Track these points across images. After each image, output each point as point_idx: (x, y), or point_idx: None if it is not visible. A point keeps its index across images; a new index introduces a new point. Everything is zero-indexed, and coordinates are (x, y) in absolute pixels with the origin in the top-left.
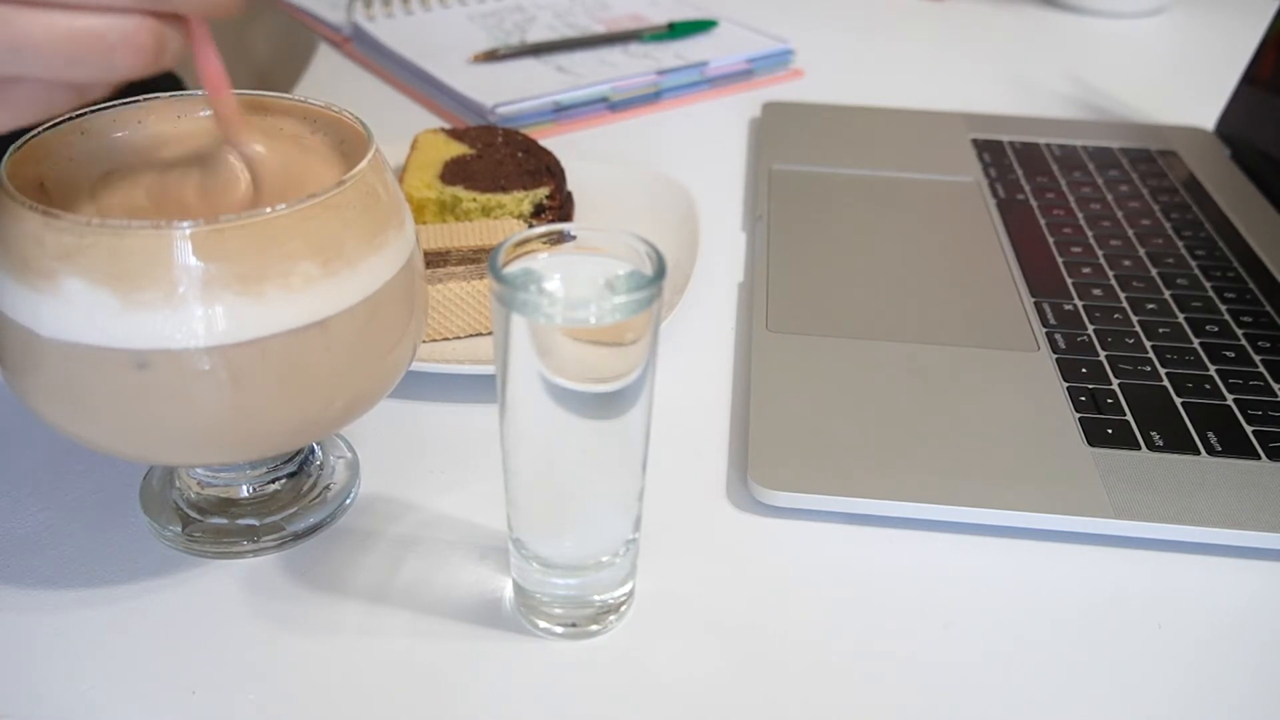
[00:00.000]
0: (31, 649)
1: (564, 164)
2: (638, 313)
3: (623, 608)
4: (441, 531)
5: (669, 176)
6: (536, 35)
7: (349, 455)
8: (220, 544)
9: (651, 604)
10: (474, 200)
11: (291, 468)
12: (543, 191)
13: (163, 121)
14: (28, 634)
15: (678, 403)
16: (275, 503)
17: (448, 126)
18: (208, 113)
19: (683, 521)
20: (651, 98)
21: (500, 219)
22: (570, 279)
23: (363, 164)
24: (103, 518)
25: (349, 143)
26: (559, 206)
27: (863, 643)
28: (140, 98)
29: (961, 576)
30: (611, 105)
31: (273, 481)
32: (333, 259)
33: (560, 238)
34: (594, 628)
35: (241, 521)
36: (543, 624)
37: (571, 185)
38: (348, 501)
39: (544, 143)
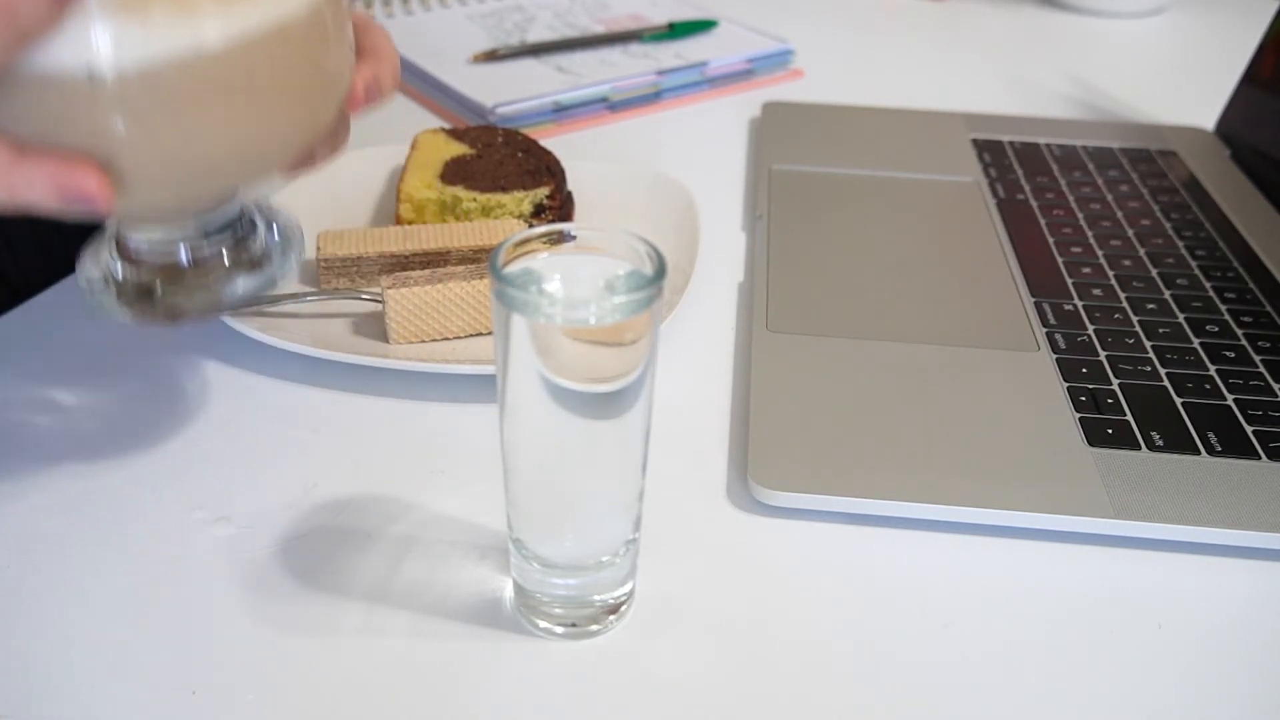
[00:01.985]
0: (31, 649)
1: (564, 164)
2: (638, 313)
3: (623, 608)
4: (441, 531)
5: (669, 176)
6: (536, 35)
7: (291, 226)
8: (165, 308)
9: (651, 604)
10: (474, 200)
11: (228, 238)
12: (543, 191)
13: None
14: (28, 634)
15: (678, 403)
16: (213, 270)
17: (448, 126)
18: None
19: (683, 521)
20: (651, 98)
21: (500, 219)
22: (570, 279)
23: None
24: (102, 517)
25: None
26: (559, 206)
27: (862, 642)
28: None
29: (961, 576)
30: (611, 105)
31: (210, 248)
32: None
33: (560, 238)
34: (594, 628)
35: (182, 288)
36: (543, 624)
37: (571, 185)
38: (290, 265)
39: (544, 143)
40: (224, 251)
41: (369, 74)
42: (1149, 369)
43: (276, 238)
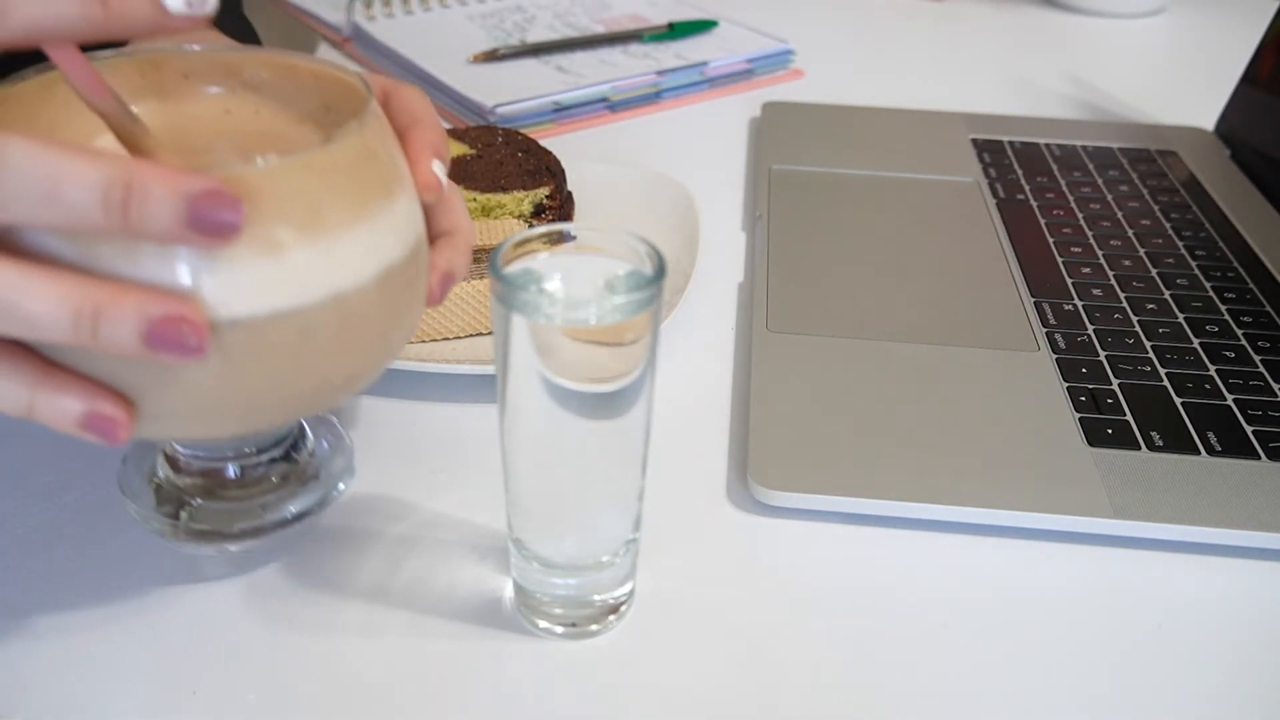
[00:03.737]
0: (31, 649)
1: (564, 164)
2: (638, 313)
3: (623, 608)
4: (441, 531)
5: (669, 176)
6: (536, 35)
7: (342, 439)
8: (205, 529)
9: (651, 604)
10: (474, 200)
11: (279, 451)
12: (543, 191)
13: (127, 80)
14: (27, 634)
15: (678, 403)
16: (262, 486)
17: (448, 126)
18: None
19: (683, 521)
20: (651, 98)
21: (500, 219)
22: (570, 279)
23: (357, 122)
24: (103, 518)
25: (337, 110)
26: (559, 206)
27: (861, 642)
28: (103, 54)
29: (961, 576)
30: (611, 105)
31: (260, 464)
32: (314, 225)
33: (560, 238)
34: (594, 628)
35: (227, 505)
36: (543, 624)
37: (571, 185)
38: (341, 487)
39: (544, 143)
40: (273, 466)
41: (444, 265)
42: (1149, 369)
43: (327, 447)
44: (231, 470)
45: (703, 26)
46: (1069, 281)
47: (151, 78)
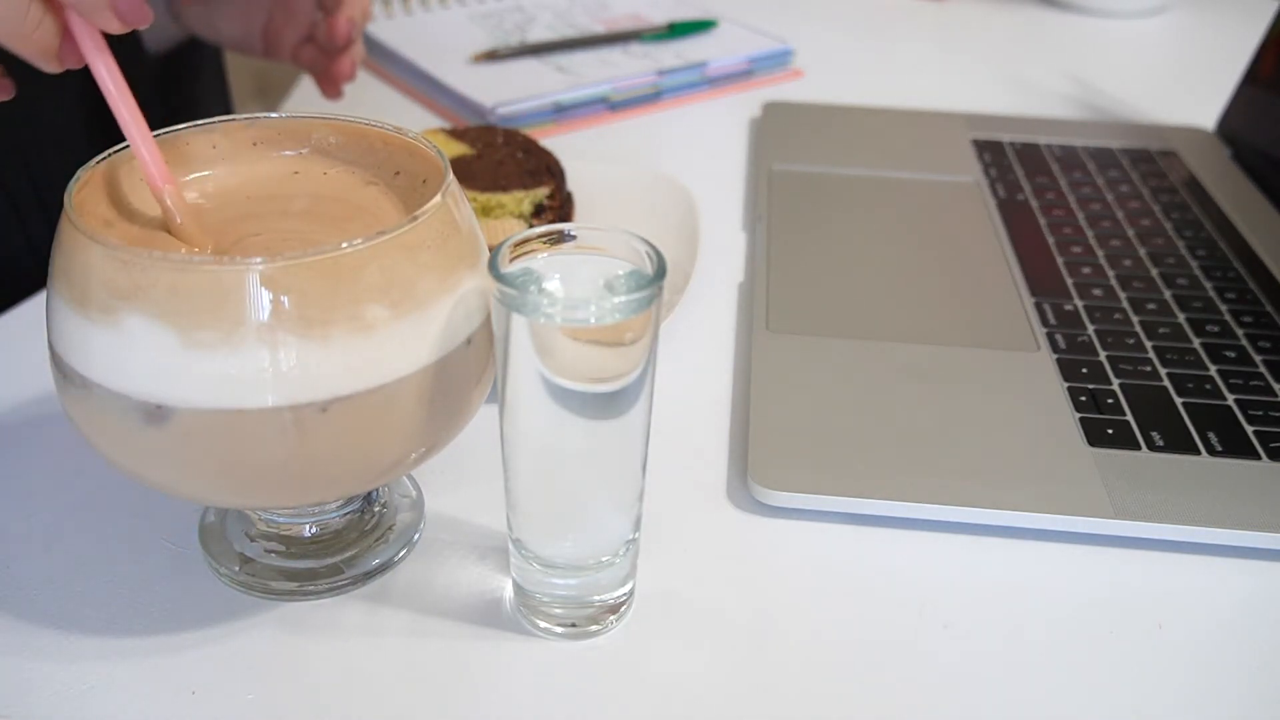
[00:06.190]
0: (31, 649)
1: (564, 164)
2: (638, 313)
3: (623, 608)
4: (441, 531)
5: (669, 176)
6: (536, 35)
7: (413, 494)
8: (280, 585)
9: (651, 604)
10: (474, 200)
11: (355, 505)
12: (543, 191)
13: (238, 146)
14: (27, 633)
15: (678, 403)
16: (338, 543)
17: (448, 126)
18: (291, 152)
19: (683, 521)
20: (651, 98)
21: (500, 219)
22: (570, 279)
23: (438, 197)
24: (102, 518)
25: (407, 173)
26: (559, 206)
27: (862, 642)
28: (214, 120)
29: (961, 576)
30: (611, 105)
31: (336, 518)
32: (403, 302)
33: (560, 238)
34: (594, 628)
35: (301, 563)
36: (543, 624)
37: (571, 185)
38: (415, 538)
39: (544, 143)
40: (350, 522)
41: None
42: (1149, 369)
43: (399, 499)
44: (308, 529)
45: (702, 26)
46: (1069, 281)
47: (222, 147)
